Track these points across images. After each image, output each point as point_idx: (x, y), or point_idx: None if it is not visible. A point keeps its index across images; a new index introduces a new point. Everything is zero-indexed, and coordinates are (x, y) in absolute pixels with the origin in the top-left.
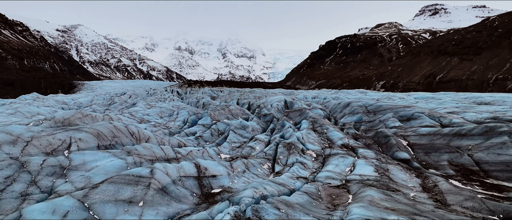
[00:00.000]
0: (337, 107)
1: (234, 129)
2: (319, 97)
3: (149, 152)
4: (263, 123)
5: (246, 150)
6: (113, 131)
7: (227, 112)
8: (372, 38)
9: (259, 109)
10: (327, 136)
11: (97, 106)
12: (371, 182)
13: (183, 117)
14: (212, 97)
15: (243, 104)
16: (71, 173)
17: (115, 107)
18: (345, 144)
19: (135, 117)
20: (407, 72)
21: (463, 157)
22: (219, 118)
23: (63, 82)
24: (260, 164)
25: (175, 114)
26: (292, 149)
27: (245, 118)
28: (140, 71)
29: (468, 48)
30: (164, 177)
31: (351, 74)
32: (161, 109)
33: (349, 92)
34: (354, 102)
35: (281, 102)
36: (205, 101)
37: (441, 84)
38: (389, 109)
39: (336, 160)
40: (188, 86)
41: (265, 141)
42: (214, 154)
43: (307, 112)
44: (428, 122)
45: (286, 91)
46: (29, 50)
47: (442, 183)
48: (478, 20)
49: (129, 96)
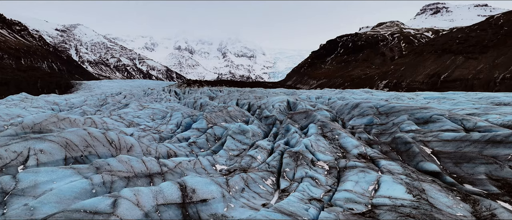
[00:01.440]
0: (344, 108)
1: (233, 134)
2: (323, 97)
3: (125, 167)
4: (264, 126)
5: (246, 161)
6: (86, 140)
7: (225, 114)
8: (374, 37)
9: (260, 110)
10: (339, 143)
11: (88, 107)
12: (408, 211)
13: (177, 120)
14: (210, 98)
15: (242, 105)
16: (13, 200)
17: (107, 108)
18: (362, 154)
19: (124, 119)
20: (411, 71)
21: (504, 170)
22: (216, 121)
23: (60, 82)
24: (263, 179)
25: (168, 117)
26: (300, 159)
27: (244, 120)
28: (140, 71)
29: (473, 47)
30: (132, 211)
31: (353, 73)
32: (153, 110)
33: (354, 91)
34: (363, 103)
35: (283, 102)
36: (203, 102)
37: (446, 84)
38: (404, 111)
39: (354, 175)
40: (187, 85)
41: (267, 148)
42: (208, 165)
43: (314, 114)
44: (449, 125)
45: (288, 91)
46: (27, 49)
47: (501, 212)
48: (480, 19)
49: (124, 96)
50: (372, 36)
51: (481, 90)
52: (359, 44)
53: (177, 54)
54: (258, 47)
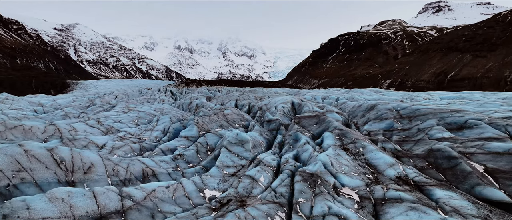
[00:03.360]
0: (357, 110)
1: (228, 145)
2: (330, 97)
3: (59, 209)
4: (267, 132)
5: (245, 185)
6: (20, 161)
7: (221, 118)
8: (376, 35)
9: (261, 112)
10: (366, 159)
11: (72, 109)
12: None
13: (164, 125)
14: (207, 98)
15: (242, 106)
16: None
17: (93, 110)
18: (402, 177)
19: (101, 125)
20: (416, 70)
21: None
22: (210, 126)
23: (56, 82)
24: (268, 216)
25: (155, 121)
26: (318, 185)
27: (243, 125)
28: (139, 70)
29: (481, 45)
30: None
31: (356, 72)
32: (139, 114)
33: (362, 91)
34: (380, 105)
35: (287, 104)
36: (199, 103)
37: (453, 83)
38: (431, 114)
39: (403, 215)
40: (185, 85)
41: (272, 165)
42: (194, 191)
43: (328, 120)
44: (491, 132)
45: (291, 91)
46: (23, 48)
47: None
48: (482, 17)
49: (115, 97)
50: (374, 35)
51: (491, 89)
52: (361, 42)
53: (177, 53)
54: (258, 46)
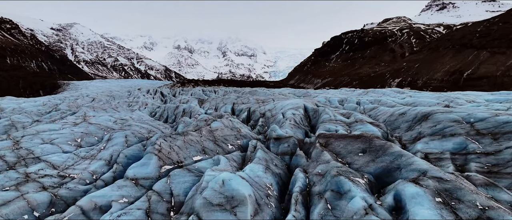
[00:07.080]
0: (398, 120)
1: (205, 210)
2: (350, 99)
3: None
4: (276, 160)
5: None
6: None
7: (204, 138)
8: (381, 33)
9: (264, 120)
10: None
11: (26, 116)
12: None
13: (113, 149)
14: (200, 101)
15: (240, 112)
16: None
17: (52, 117)
18: None
19: (18, 148)
20: (426, 68)
21: None
22: (184, 154)
23: (45, 82)
24: None
25: (105, 141)
26: None
27: (240, 145)
28: (138, 71)
29: (499, 41)
30: None
31: (361, 71)
32: (88, 128)
33: (384, 92)
34: (439, 113)
35: (299, 109)
36: (186, 108)
37: (470, 82)
38: None
39: None
40: (181, 85)
41: None
42: None
43: (396, 152)
44: None
45: (298, 91)
46: (14, 48)
47: None
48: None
49: (92, 99)
50: (379, 32)
51: None
52: (366, 40)
53: (177, 53)
54: (258, 46)
